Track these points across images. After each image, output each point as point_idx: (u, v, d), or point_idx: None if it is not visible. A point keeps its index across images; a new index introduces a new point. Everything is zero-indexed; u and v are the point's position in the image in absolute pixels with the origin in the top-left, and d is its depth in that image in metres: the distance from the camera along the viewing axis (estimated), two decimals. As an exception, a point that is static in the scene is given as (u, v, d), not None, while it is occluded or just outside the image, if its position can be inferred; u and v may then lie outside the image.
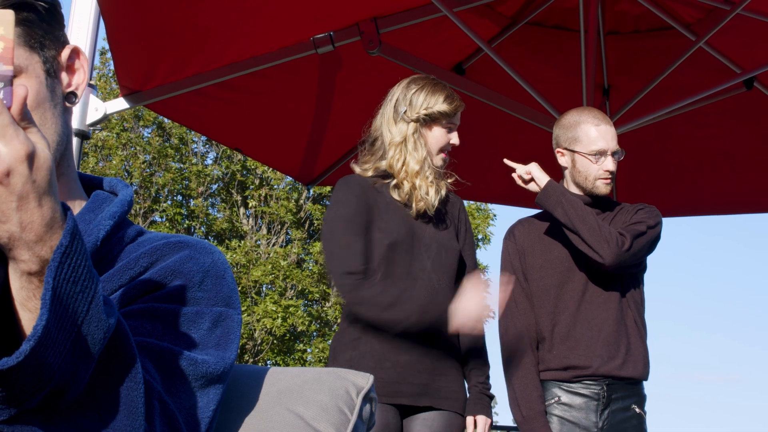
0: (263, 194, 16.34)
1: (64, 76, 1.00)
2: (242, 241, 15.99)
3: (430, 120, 2.44)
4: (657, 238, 2.57)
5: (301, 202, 16.67)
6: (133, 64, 3.21)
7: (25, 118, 0.72)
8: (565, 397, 2.51)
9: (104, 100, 3.16)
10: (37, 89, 0.94)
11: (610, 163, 2.57)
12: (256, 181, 16.65)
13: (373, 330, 2.31)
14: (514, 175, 2.63)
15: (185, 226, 16.31)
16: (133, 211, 15.07)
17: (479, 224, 17.47)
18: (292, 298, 15.51)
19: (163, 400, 0.89)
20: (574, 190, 2.65)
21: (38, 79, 0.95)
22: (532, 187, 2.60)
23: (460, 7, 3.53)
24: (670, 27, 3.82)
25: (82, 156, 4.22)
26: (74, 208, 1.04)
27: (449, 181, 2.49)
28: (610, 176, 2.59)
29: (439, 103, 2.44)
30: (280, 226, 16.54)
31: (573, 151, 2.61)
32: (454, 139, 2.48)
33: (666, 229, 2.64)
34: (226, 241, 16.20)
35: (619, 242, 2.44)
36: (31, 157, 0.70)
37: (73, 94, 1.01)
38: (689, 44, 3.59)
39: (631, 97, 3.75)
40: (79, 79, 1.01)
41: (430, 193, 2.40)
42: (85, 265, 0.75)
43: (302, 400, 1.09)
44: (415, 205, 2.41)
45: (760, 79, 3.91)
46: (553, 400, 2.52)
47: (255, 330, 15.04)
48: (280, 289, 15.46)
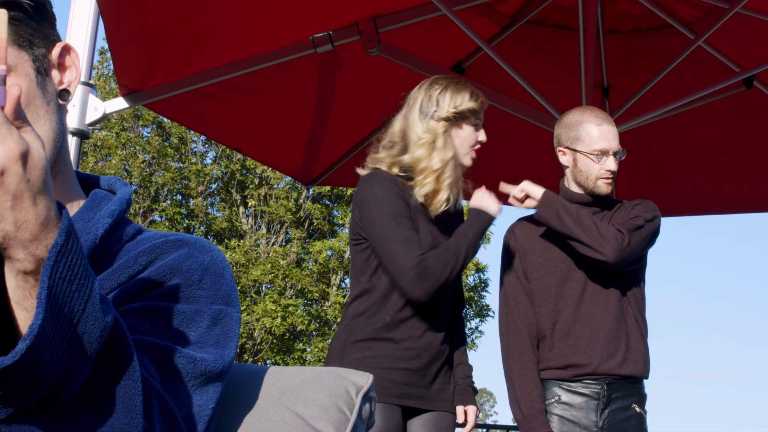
0: (263, 193, 16.35)
1: (56, 74, 0.99)
2: (242, 241, 15.99)
3: (460, 118, 2.42)
4: (656, 232, 2.58)
5: (301, 201, 16.67)
6: (132, 64, 3.21)
7: (19, 117, 0.72)
8: (566, 396, 2.52)
9: (104, 99, 3.16)
10: (27, 87, 0.94)
11: (611, 163, 2.57)
12: (256, 181, 16.65)
13: (389, 333, 2.33)
14: (510, 199, 2.63)
15: (185, 225, 16.32)
16: (132, 211, 15.08)
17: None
18: (291, 298, 15.51)
19: (162, 398, 0.89)
20: (576, 189, 2.65)
21: (28, 78, 0.94)
22: (530, 203, 2.59)
23: (459, 6, 3.53)
24: (670, 26, 3.81)
25: (82, 155, 4.22)
26: (72, 207, 1.04)
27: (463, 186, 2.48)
28: (612, 176, 2.59)
29: (466, 101, 2.42)
30: (279, 226, 16.54)
31: (575, 151, 2.61)
32: (482, 136, 2.47)
33: (666, 228, 2.63)
34: (226, 241, 16.21)
35: (618, 238, 2.44)
36: (25, 157, 0.70)
37: (66, 92, 1.00)
38: (689, 43, 3.59)
39: (630, 96, 3.75)
40: (72, 76, 1.01)
41: (441, 198, 2.37)
42: (81, 263, 0.74)
43: (302, 399, 1.09)
44: (432, 205, 2.39)
45: (759, 77, 3.91)
46: (554, 399, 2.52)
47: (254, 329, 15.04)
48: (279, 289, 15.47)
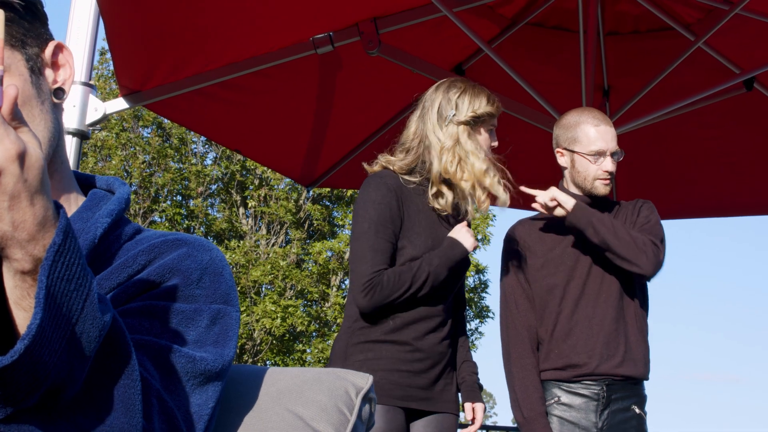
0: (263, 194, 16.35)
1: (50, 73, 0.99)
2: (241, 241, 16.00)
3: (479, 122, 2.42)
4: None
5: (301, 202, 16.68)
6: (132, 64, 3.21)
7: (15, 118, 0.72)
8: (565, 398, 2.51)
9: (104, 100, 3.16)
10: (22, 87, 0.94)
11: (609, 164, 2.57)
12: (256, 181, 16.66)
13: (391, 335, 2.32)
14: (536, 205, 2.61)
15: (185, 226, 16.32)
16: (132, 211, 15.08)
17: (479, 224, 17.48)
18: (291, 298, 15.51)
19: (162, 398, 0.89)
20: (573, 190, 2.65)
21: (22, 77, 0.95)
22: (559, 212, 2.57)
23: (460, 7, 3.53)
24: (670, 27, 3.81)
25: (82, 156, 4.22)
26: (71, 206, 1.04)
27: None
28: (609, 177, 2.59)
29: (483, 105, 2.41)
30: (279, 226, 16.55)
31: (572, 152, 2.61)
32: (495, 141, 2.48)
33: (666, 229, 2.67)
34: (226, 241, 16.21)
35: (655, 251, 2.47)
36: (22, 157, 0.70)
37: (61, 90, 1.00)
38: (689, 45, 3.59)
39: (630, 97, 3.75)
40: (66, 74, 1.01)
41: (498, 191, 2.34)
42: (79, 263, 0.74)
43: (301, 400, 1.09)
44: (470, 207, 2.37)
45: (759, 80, 3.91)
46: (553, 401, 2.52)
47: (254, 330, 15.04)
48: (279, 289, 15.46)
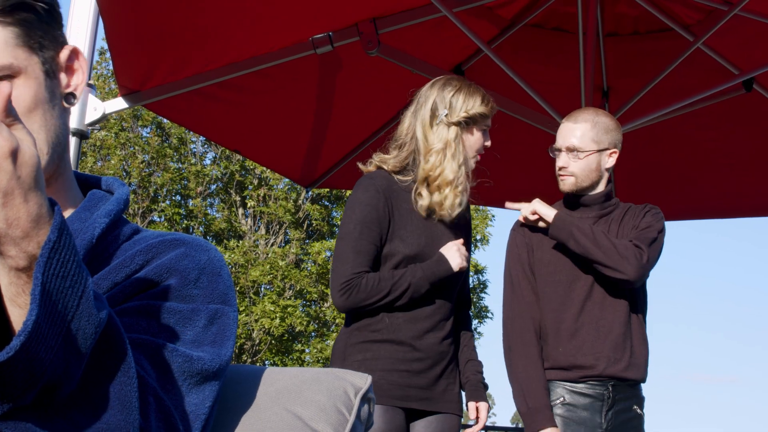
0: (262, 194, 16.35)
1: (63, 77, 0.99)
2: (241, 241, 16.00)
3: (471, 123, 2.39)
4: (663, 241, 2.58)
5: (300, 202, 16.68)
6: (132, 64, 3.21)
7: (9, 115, 0.72)
8: (570, 398, 2.50)
9: (103, 99, 3.16)
10: (36, 90, 0.93)
11: (561, 159, 2.59)
12: (255, 181, 16.66)
13: (389, 335, 2.32)
14: (520, 217, 2.62)
15: (184, 226, 16.32)
16: (131, 211, 15.08)
17: (478, 225, 17.50)
18: (290, 298, 15.51)
19: (159, 397, 0.89)
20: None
21: (37, 80, 0.94)
22: (542, 224, 2.57)
23: (459, 7, 3.53)
24: (670, 28, 3.82)
25: (81, 155, 4.22)
26: (70, 207, 1.04)
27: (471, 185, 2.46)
28: (564, 173, 2.58)
29: (477, 105, 2.38)
30: (278, 226, 16.55)
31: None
32: (488, 141, 2.46)
33: (666, 229, 2.66)
34: (225, 241, 16.21)
35: (637, 255, 2.44)
36: (15, 154, 0.70)
37: (72, 95, 1.00)
38: (688, 45, 3.59)
39: (629, 98, 3.75)
40: (78, 80, 1.00)
41: (454, 203, 2.35)
42: (74, 260, 0.74)
43: (300, 400, 1.09)
44: (437, 212, 2.37)
45: (759, 80, 3.91)
46: (558, 401, 2.51)
47: (253, 330, 15.04)
48: (278, 289, 15.47)
